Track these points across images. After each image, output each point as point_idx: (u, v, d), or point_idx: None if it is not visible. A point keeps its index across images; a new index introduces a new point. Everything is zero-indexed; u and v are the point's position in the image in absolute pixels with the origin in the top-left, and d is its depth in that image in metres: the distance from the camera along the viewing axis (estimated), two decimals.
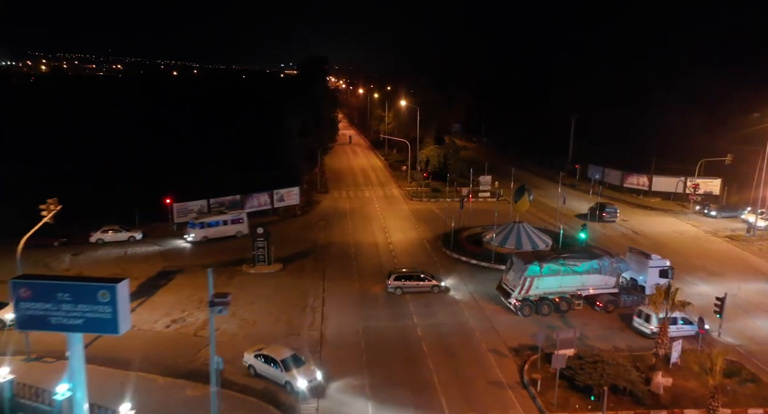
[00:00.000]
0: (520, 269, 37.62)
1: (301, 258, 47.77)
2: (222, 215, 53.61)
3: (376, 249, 51.32)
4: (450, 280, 43.01)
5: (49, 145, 75.60)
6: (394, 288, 40.29)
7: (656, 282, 39.36)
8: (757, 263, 48.97)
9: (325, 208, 68.25)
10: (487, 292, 40.76)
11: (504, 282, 39.59)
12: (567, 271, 38.29)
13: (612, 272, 39.46)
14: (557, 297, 38.12)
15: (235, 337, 32.23)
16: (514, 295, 37.25)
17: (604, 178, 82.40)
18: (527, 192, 51.30)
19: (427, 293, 40.02)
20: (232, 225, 53.31)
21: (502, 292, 39.21)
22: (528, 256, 39.76)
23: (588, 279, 38.84)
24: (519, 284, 37.20)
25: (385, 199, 73.42)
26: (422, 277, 40.94)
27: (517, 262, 38.65)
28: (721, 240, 56.22)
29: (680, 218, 65.43)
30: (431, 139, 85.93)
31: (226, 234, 52.66)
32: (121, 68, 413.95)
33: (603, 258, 39.43)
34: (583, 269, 38.64)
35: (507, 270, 39.67)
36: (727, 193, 70.88)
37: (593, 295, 38.86)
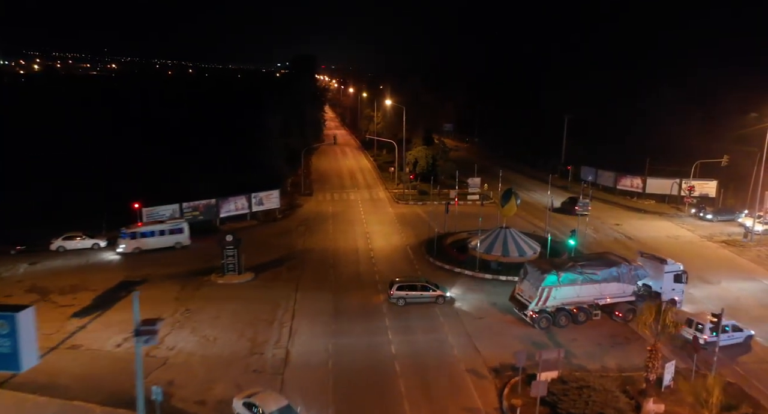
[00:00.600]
0: (537, 279, 35.42)
1: (275, 266, 45.24)
2: (159, 224, 49.37)
3: (356, 256, 48.85)
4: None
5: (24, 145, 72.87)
6: (396, 298, 37.97)
7: (672, 287, 38.35)
8: (755, 270, 46.66)
9: (307, 211, 65.75)
10: (470, 302, 38.39)
11: (518, 292, 37.25)
12: (585, 280, 36.24)
13: (631, 280, 37.62)
14: (575, 307, 35.99)
15: (191, 357, 29.64)
16: (531, 307, 34.96)
17: (597, 180, 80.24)
18: (514, 196, 48.91)
19: (420, 304, 37.63)
20: (170, 235, 48.93)
21: (516, 303, 36.86)
22: (543, 264, 37.39)
23: (606, 288, 36.87)
24: (536, 295, 34.92)
25: (371, 202, 70.95)
26: (427, 287, 38.72)
27: (532, 271, 36.39)
28: (717, 245, 53.94)
29: (675, 222, 63.15)
30: (419, 140, 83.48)
31: (164, 245, 48.44)
32: (115, 67, 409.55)
33: (621, 265, 37.42)
34: (602, 277, 36.60)
35: (521, 279, 37.35)
36: (724, 195, 68.69)
37: (610, 304, 36.91)
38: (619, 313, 36.57)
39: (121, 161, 62.49)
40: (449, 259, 47.34)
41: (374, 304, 37.87)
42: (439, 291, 38.83)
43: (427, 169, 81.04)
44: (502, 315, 36.99)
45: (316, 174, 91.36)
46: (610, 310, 36.80)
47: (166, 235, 48.89)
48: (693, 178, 69.09)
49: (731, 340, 32.26)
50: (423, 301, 38.18)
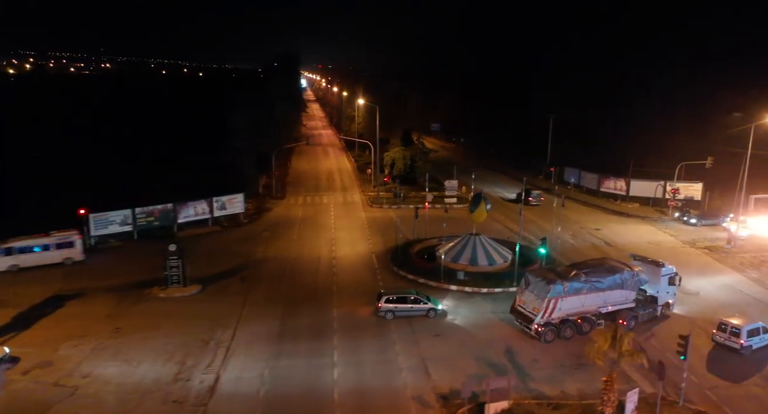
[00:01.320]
0: (542, 290, 33.35)
1: (227, 277, 42.43)
2: (42, 238, 43.55)
3: (317, 265, 46.08)
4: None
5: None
6: (385, 312, 35.56)
7: (666, 290, 37.49)
8: (737, 280, 44.06)
9: (275, 216, 62.96)
10: (428, 318, 35.71)
11: (519, 304, 35.05)
12: (591, 289, 34.49)
13: (633, 286, 36.07)
14: (579, 318, 34.17)
15: (106, 385, 26.68)
16: (537, 321, 32.91)
17: (581, 182, 77.65)
18: (484, 201, 46.21)
19: (370, 324, 34.86)
20: (57, 250, 43.63)
21: (518, 315, 34.72)
22: (547, 273, 35.22)
23: (610, 296, 35.30)
24: (542, 307, 32.88)
25: (344, 206, 68.22)
26: (418, 299, 36.28)
27: (535, 282, 34.27)
28: (700, 252, 51.40)
29: (658, 226, 60.59)
30: (398, 140, 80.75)
31: (48, 261, 43.12)
32: (110, 67, 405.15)
33: (624, 271, 35.77)
34: (606, 285, 34.93)
35: (521, 290, 35.23)
36: (710, 198, 66.16)
37: (612, 312, 35.25)
38: (623, 321, 34.32)
39: (69, 164, 59.36)
40: (414, 268, 44.61)
41: (326, 320, 35.13)
42: (430, 304, 36.43)
43: (405, 171, 78.37)
44: (461, 331, 34.35)
45: (294, 175, 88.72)
46: (613, 318, 34.71)
47: (52, 250, 43.62)
48: (677, 181, 66.59)
49: (763, 342, 32.02)
50: (413, 315, 35.79)
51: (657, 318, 36.94)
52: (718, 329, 32.52)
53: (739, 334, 31.41)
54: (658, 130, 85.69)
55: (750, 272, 45.77)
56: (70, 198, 48.79)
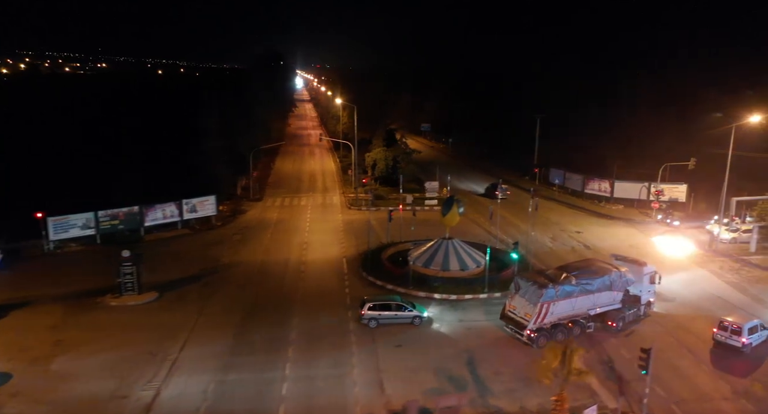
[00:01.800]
0: (534, 294, 32.39)
1: (189, 283, 40.90)
2: None
3: (284, 270, 44.59)
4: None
5: None
6: (368, 319, 34.34)
7: (648, 289, 37.40)
8: (715, 285, 42.74)
9: (249, 218, 61.46)
10: (390, 327, 34.18)
11: (510, 310, 33.99)
12: (581, 291, 33.74)
13: (621, 287, 35.65)
14: (570, 321, 33.63)
15: (36, 405, 25.10)
16: (530, 326, 32.00)
17: (566, 183, 76.33)
18: (456, 204, 44.82)
19: (330, 333, 33.42)
20: None
21: (510, 321, 33.69)
22: (537, 277, 34.16)
23: (599, 298, 34.72)
24: (534, 312, 31.96)
25: (322, 208, 66.78)
26: (402, 306, 35.02)
27: (526, 286, 33.28)
28: (680, 255, 50.11)
29: (640, 229, 59.24)
30: (380, 141, 79.31)
31: None
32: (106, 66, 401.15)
33: (613, 273, 35.21)
34: (596, 287, 34.30)
35: (512, 296, 34.21)
36: (695, 199, 64.85)
37: (600, 314, 34.90)
38: (612, 322, 34.81)
39: (26, 165, 57.57)
40: (384, 274, 43.17)
41: (284, 330, 33.65)
42: (415, 311, 35.16)
43: (387, 172, 76.95)
44: (425, 341, 32.94)
45: (276, 176, 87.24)
46: (601, 320, 34.87)
47: None
48: (662, 182, 65.27)
49: (761, 339, 32.49)
50: (397, 322, 34.57)
51: (641, 317, 36.50)
52: (719, 328, 32.34)
53: (740, 332, 31.44)
54: (646, 131, 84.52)
55: (729, 276, 44.47)
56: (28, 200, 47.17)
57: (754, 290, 41.69)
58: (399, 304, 35.25)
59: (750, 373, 30.05)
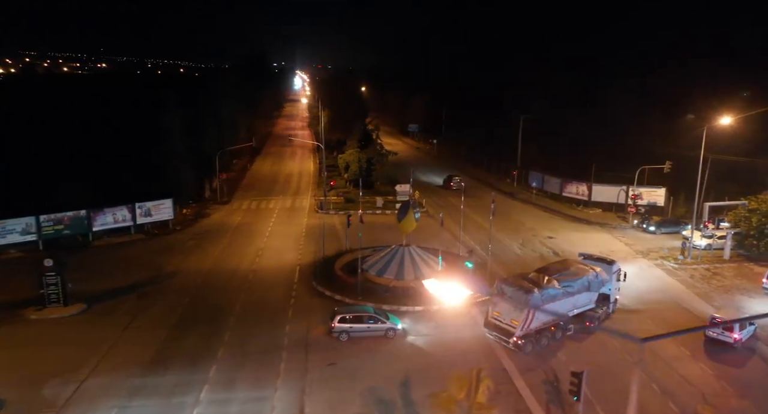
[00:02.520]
0: (520, 300, 31.20)
1: (124, 293, 38.67)
2: None
3: (231, 279, 42.35)
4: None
5: None
6: (339, 332, 32.47)
7: (616, 287, 37.41)
8: (682, 296, 40.50)
9: (211, 222, 59.28)
10: (327, 342, 32.01)
11: (494, 316, 32.62)
12: (564, 294, 33.09)
13: (597, 287, 35.39)
14: (553, 325, 32.72)
15: None
16: (518, 333, 30.92)
17: (544, 186, 74.03)
18: (412, 209, 42.60)
19: (260, 350, 31.18)
20: None
21: (494, 329, 32.30)
22: (521, 282, 32.71)
23: (579, 299, 34.34)
24: (521, 318, 30.83)
25: (289, 212, 64.58)
26: (374, 318, 33.21)
27: (511, 291, 32.05)
28: (651, 263, 47.81)
29: (615, 234, 57.03)
30: (355, 141, 77.09)
31: None
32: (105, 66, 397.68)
33: (590, 273, 34.89)
34: (576, 289, 33.85)
35: (495, 302, 32.91)
36: (674, 204, 62.59)
37: (578, 315, 34.56)
38: (589, 322, 34.62)
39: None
40: (335, 283, 40.97)
41: (211, 347, 31.39)
42: (389, 323, 33.30)
43: (360, 174, 74.74)
44: (360, 359, 30.66)
45: (252, 178, 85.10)
46: (578, 321, 34.60)
47: None
48: (639, 185, 63.04)
49: (748, 335, 33.52)
50: (370, 335, 32.76)
51: (610, 315, 36.32)
52: (711, 324, 33.13)
53: (733, 329, 32.08)
54: (629, 132, 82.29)
55: (699, 286, 42.25)
56: None
57: (719, 300, 39.62)
58: (372, 315, 33.37)
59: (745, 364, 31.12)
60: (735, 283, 42.82)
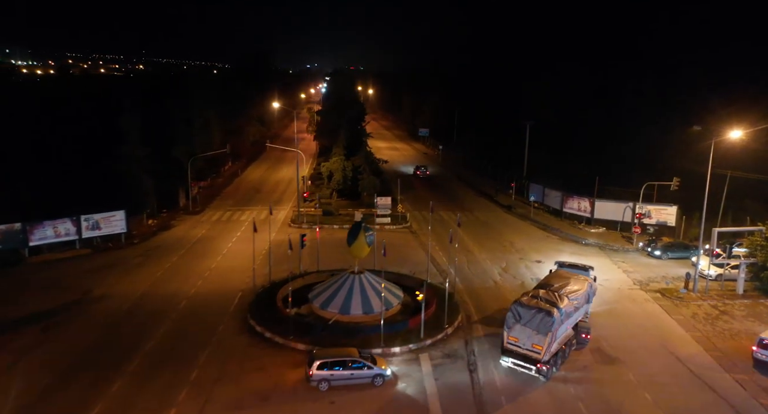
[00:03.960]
0: (542, 322, 28.88)
1: (27, 324, 33.83)
2: None
3: (160, 308, 37.19)
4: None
5: None
6: (318, 380, 27.82)
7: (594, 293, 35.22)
8: (679, 341, 34.23)
9: (170, 236, 54.67)
10: (233, 391, 26.85)
11: (511, 342, 30.08)
12: (573, 310, 31.13)
13: (593, 297, 34.45)
14: (564, 343, 30.84)
15: None
16: (544, 359, 28.77)
17: (545, 200, 67.73)
18: (363, 232, 37.14)
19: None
20: None
21: (515, 356, 29.76)
22: (538, 302, 29.90)
23: (580, 312, 32.66)
24: (544, 342, 28.67)
25: (259, 224, 59.18)
26: (360, 362, 28.58)
27: (528, 314, 29.38)
28: (648, 296, 41.47)
29: (615, 258, 50.72)
30: (340, 148, 71.91)
31: None
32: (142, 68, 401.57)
33: (587, 284, 33.50)
34: (581, 302, 32.21)
35: (510, 327, 30.07)
36: (686, 224, 55.79)
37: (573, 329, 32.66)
38: (586, 335, 33.02)
39: None
40: (271, 317, 35.69)
41: (89, 400, 26.32)
42: (375, 369, 28.58)
43: (345, 184, 69.60)
44: None
45: (237, 185, 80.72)
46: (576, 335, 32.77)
47: None
48: (647, 202, 56.49)
49: None
50: (355, 383, 28.16)
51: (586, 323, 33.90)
52: (759, 345, 31.11)
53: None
54: (646, 139, 75.14)
55: (701, 329, 35.86)
56: None
57: (723, 348, 33.25)
58: (355, 360, 28.60)
59: None
60: (745, 327, 36.25)
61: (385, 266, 44.48)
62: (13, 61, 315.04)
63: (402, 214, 61.52)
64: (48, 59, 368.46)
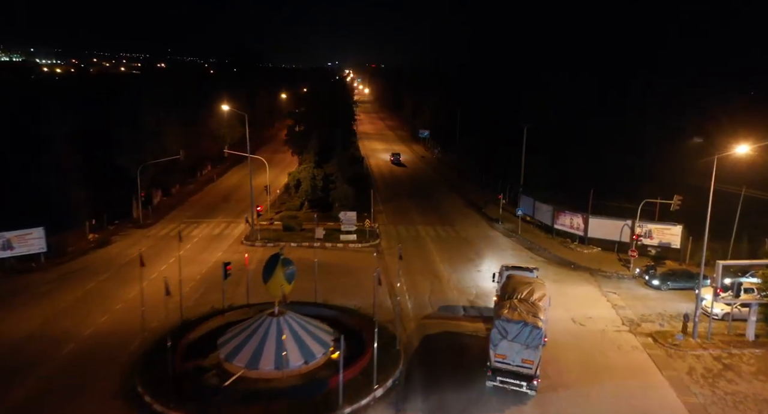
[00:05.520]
0: (531, 336, 27.47)
1: None
2: None
3: (34, 359, 30.57)
4: None
5: None
6: None
7: None
8: (668, 408, 27.10)
9: (104, 255, 48.59)
10: None
11: (499, 359, 28.05)
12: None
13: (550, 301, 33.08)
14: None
15: None
16: (537, 373, 27.58)
17: (536, 214, 60.38)
18: (281, 266, 30.30)
19: None
20: None
21: (504, 374, 27.94)
22: (522, 315, 28.10)
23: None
24: (536, 356, 27.47)
25: (210, 241, 53.27)
26: None
27: (515, 329, 27.58)
28: (638, 341, 34.14)
29: (606, 288, 43.37)
30: (311, 155, 65.27)
31: None
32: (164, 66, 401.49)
33: (545, 287, 32.80)
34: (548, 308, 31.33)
35: (497, 343, 28.01)
36: (693, 246, 48.11)
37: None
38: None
39: None
40: (164, 372, 29.01)
41: None
42: None
43: (314, 194, 62.98)
44: None
45: (207, 193, 74.86)
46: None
47: None
48: (646, 220, 49.15)
49: None
50: None
51: None
52: None
53: None
54: (657, 151, 67.09)
55: (697, 393, 28.49)
56: None
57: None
58: None
59: None
60: (753, 390, 28.76)
61: (331, 297, 38.21)
62: (37, 60, 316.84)
63: (371, 230, 54.79)
64: (72, 58, 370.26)
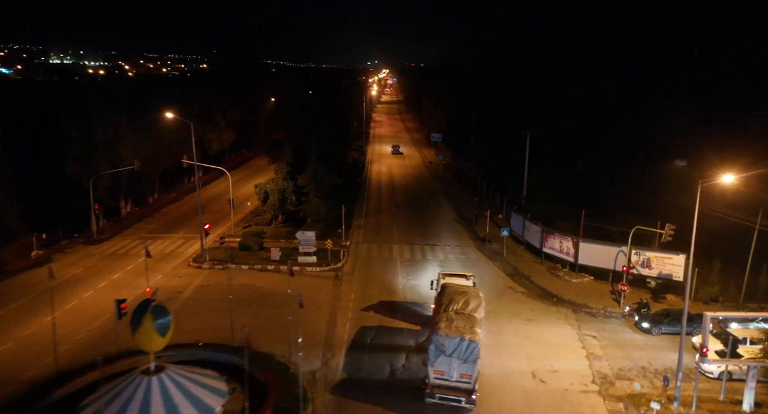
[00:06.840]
0: (468, 350, 26.77)
1: None
2: None
3: None
4: None
5: None
6: None
7: None
8: None
9: (31, 277, 44.21)
10: None
11: (437, 376, 27.24)
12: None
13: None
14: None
15: None
16: (476, 387, 26.98)
17: (524, 234, 53.73)
18: (152, 314, 24.90)
19: None
20: None
21: (443, 390, 27.04)
22: (459, 330, 27.53)
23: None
24: (474, 370, 26.92)
25: (155, 260, 47.90)
26: None
27: (453, 344, 26.85)
28: (606, 407, 27.61)
29: (586, 329, 36.79)
30: (284, 165, 60.05)
31: None
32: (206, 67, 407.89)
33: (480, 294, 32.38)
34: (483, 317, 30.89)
35: (434, 360, 27.20)
36: (699, 279, 40.88)
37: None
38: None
39: None
40: None
41: None
42: None
43: (283, 208, 57.76)
44: None
45: (184, 203, 70.39)
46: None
47: None
48: (644, 247, 42.20)
49: None
50: None
51: None
52: None
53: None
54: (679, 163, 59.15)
55: None
56: None
57: None
58: None
59: None
60: None
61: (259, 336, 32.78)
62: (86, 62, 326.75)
63: (333, 250, 49.11)
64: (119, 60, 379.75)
